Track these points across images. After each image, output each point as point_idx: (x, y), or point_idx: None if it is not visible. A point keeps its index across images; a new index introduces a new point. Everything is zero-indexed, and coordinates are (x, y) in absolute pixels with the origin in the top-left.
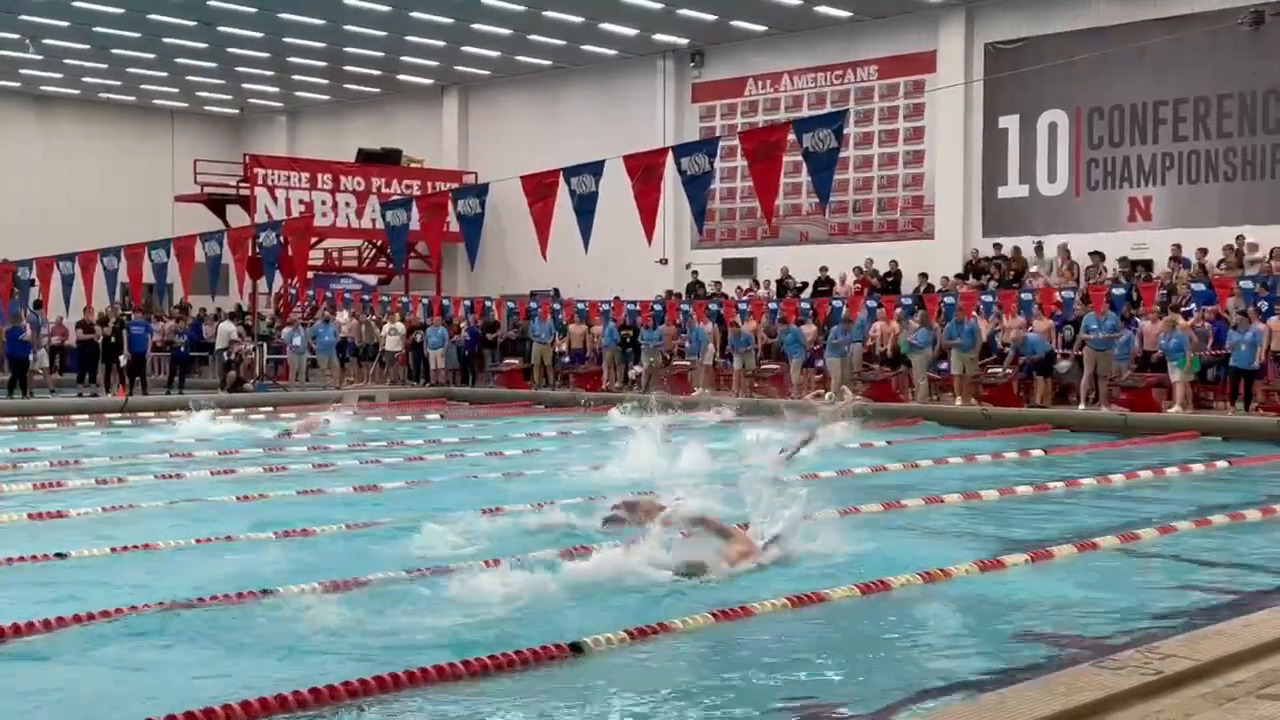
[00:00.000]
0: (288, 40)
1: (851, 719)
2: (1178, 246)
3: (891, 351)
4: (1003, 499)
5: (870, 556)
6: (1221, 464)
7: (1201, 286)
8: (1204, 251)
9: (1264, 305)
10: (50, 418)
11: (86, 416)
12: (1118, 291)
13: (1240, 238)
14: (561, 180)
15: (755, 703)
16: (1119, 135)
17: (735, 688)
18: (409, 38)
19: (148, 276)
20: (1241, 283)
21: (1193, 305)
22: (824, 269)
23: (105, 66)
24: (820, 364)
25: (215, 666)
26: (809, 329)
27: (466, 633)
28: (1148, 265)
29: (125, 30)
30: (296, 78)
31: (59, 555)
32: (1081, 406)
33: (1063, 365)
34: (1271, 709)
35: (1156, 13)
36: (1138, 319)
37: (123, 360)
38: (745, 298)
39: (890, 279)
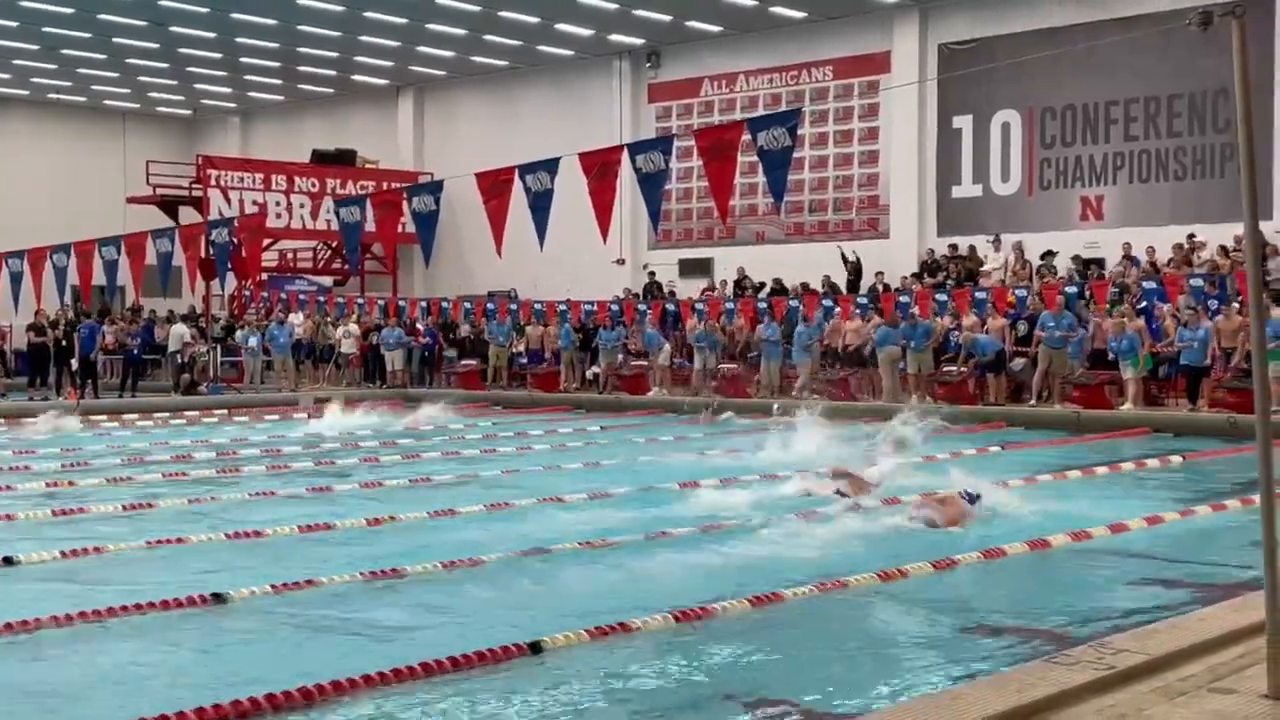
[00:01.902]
0: (240, 40)
1: (804, 715)
2: (1129, 245)
3: (847, 349)
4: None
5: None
6: (1175, 459)
7: (1153, 284)
8: (1153, 250)
9: (1213, 304)
10: (1, 421)
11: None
12: (1071, 290)
13: (1191, 236)
14: (516, 178)
15: (707, 700)
16: (1071, 135)
17: (688, 686)
18: (363, 38)
19: (98, 277)
20: (1191, 281)
21: (1144, 303)
22: (777, 280)
23: (55, 67)
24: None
25: (168, 671)
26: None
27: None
28: (1099, 264)
29: (75, 30)
30: (249, 78)
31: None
32: (1033, 403)
33: (1017, 363)
34: (1222, 702)
35: (1108, 13)
36: (1093, 317)
37: (74, 363)
38: (703, 298)
39: (851, 278)
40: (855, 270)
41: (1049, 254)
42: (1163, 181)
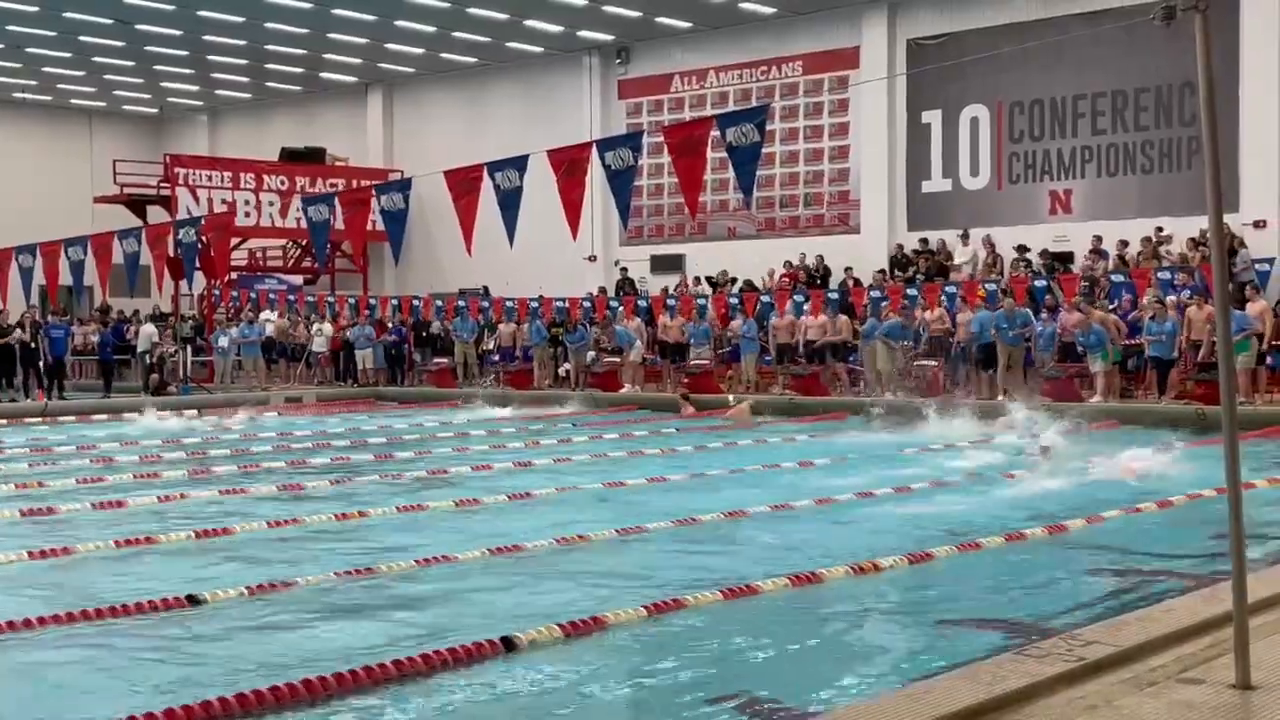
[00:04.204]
0: (207, 38)
1: (777, 708)
2: (1098, 238)
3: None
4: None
5: None
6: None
7: (1121, 278)
8: (1125, 243)
9: (1185, 294)
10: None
11: (4, 421)
12: (1038, 284)
13: (1159, 229)
14: (486, 175)
15: (679, 693)
16: (1039, 129)
17: (661, 678)
18: (331, 35)
19: (65, 278)
20: (1159, 274)
21: (1115, 301)
22: (747, 280)
23: (20, 66)
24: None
25: (140, 674)
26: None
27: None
28: (1068, 258)
29: (40, 29)
30: (217, 76)
31: None
32: (1000, 398)
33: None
34: (1190, 692)
35: (1075, 8)
36: (1060, 310)
37: (41, 364)
38: (674, 294)
39: (818, 274)
40: (821, 272)
41: (1023, 249)
42: (1130, 175)
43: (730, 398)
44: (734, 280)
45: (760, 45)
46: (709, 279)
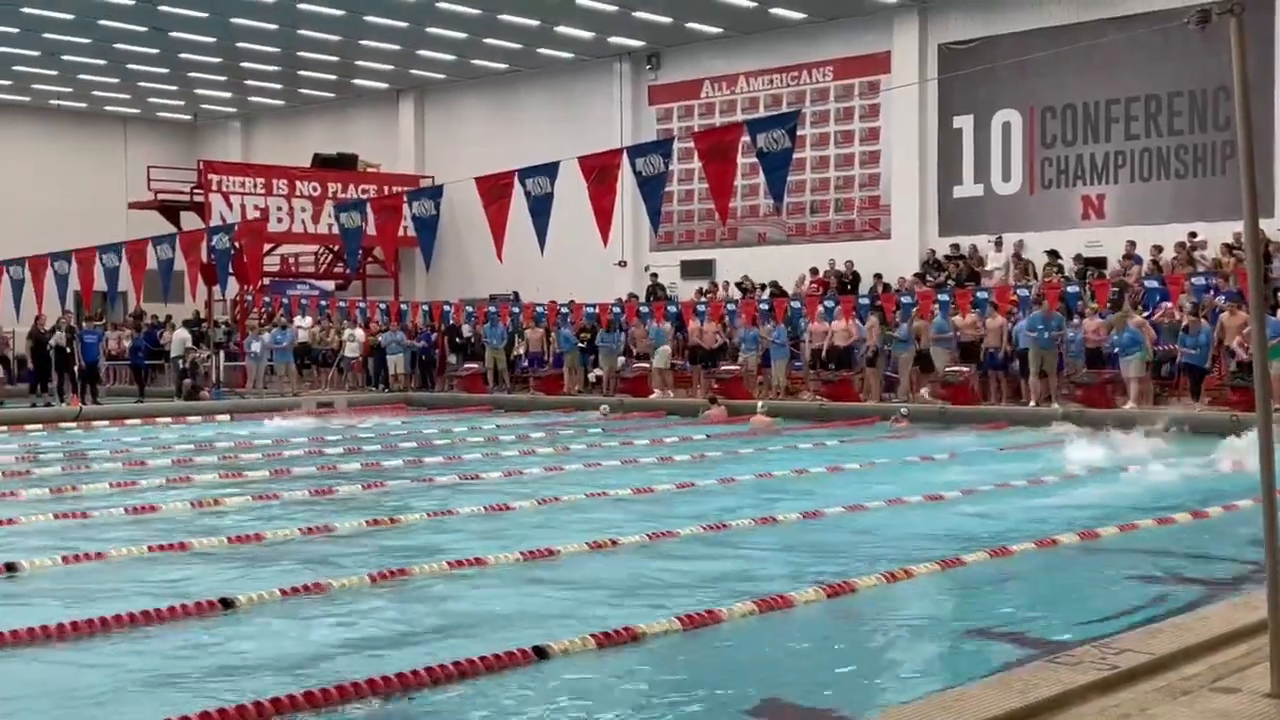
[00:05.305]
0: (241, 45)
1: (806, 716)
2: (1131, 244)
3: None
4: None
5: None
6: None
7: (1155, 284)
8: (1159, 249)
9: (1220, 300)
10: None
11: (40, 426)
12: (1071, 289)
13: (1192, 234)
14: (516, 182)
15: (712, 703)
16: (1072, 134)
17: (695, 689)
18: (363, 42)
19: (100, 283)
20: (1193, 279)
21: (1149, 307)
22: (774, 283)
23: (56, 73)
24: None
25: (174, 677)
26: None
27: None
28: (1101, 263)
29: (76, 37)
30: (250, 83)
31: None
32: (1032, 404)
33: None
34: (1225, 701)
35: (1108, 12)
36: (1083, 315)
37: (76, 369)
38: (704, 299)
39: (848, 279)
40: (851, 277)
41: (1054, 254)
42: (1164, 180)
43: (759, 404)
44: (762, 286)
45: (791, 50)
46: (739, 284)
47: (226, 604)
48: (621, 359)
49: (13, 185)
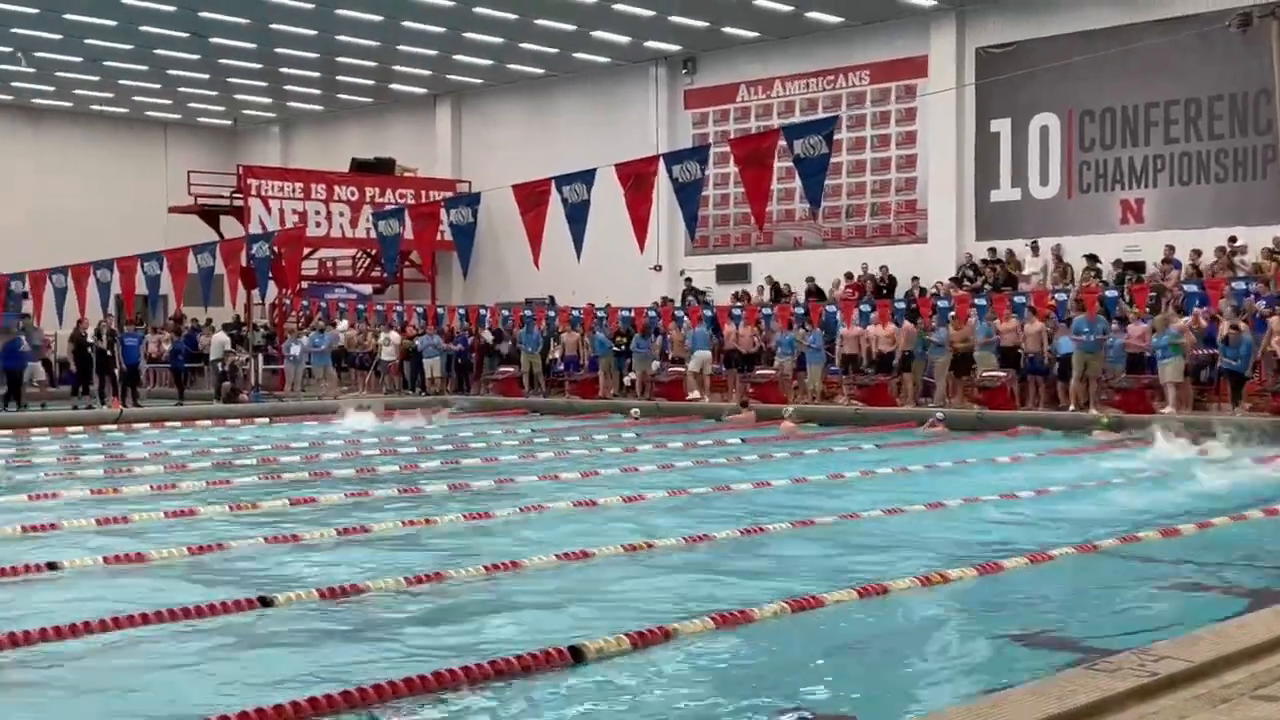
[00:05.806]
0: (280, 51)
1: None
2: (1171, 248)
3: (875, 356)
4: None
5: None
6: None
7: (1194, 288)
8: (1198, 253)
9: (1261, 305)
10: (45, 430)
11: (81, 428)
12: (1110, 294)
13: (1232, 239)
14: (553, 189)
15: (746, 704)
16: (1110, 138)
17: (730, 690)
18: (401, 47)
19: (141, 288)
20: (1233, 284)
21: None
22: (810, 279)
23: (97, 79)
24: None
25: (214, 675)
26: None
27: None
28: (1140, 268)
29: (117, 42)
30: (289, 88)
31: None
32: (1071, 408)
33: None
34: (1266, 709)
35: (1146, 15)
36: (1128, 320)
37: (116, 372)
38: (740, 304)
39: (883, 284)
40: (887, 282)
41: (1093, 258)
42: (1204, 184)
43: (785, 409)
44: (793, 291)
45: (827, 54)
46: (774, 287)
47: (265, 602)
48: (656, 363)
49: (56, 189)
